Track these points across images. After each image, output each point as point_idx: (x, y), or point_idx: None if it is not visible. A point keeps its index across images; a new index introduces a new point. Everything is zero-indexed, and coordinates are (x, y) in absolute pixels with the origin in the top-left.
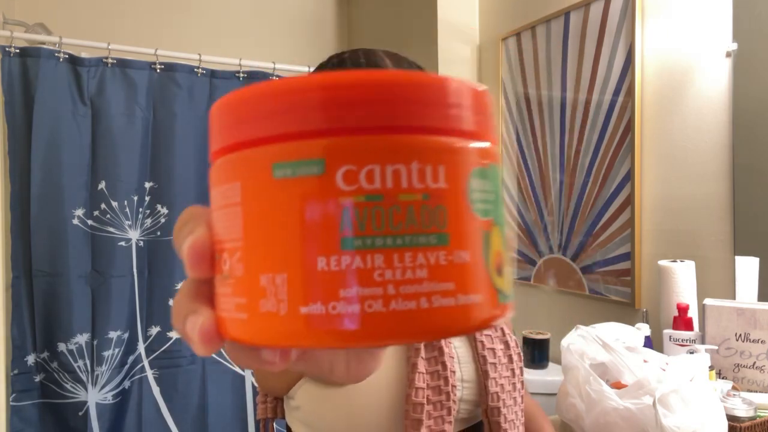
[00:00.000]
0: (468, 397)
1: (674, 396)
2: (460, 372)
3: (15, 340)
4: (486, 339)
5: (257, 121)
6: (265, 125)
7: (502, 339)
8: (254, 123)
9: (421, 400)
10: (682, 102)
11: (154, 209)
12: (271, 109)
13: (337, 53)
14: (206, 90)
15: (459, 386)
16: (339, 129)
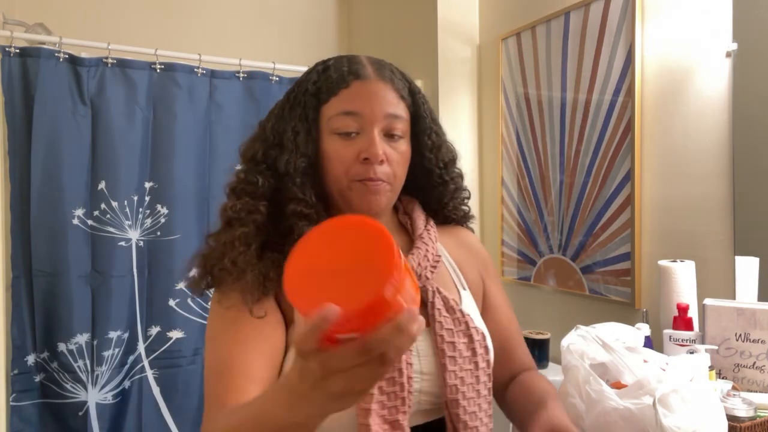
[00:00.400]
0: (428, 389)
1: (674, 396)
2: (419, 364)
3: (15, 340)
4: (446, 333)
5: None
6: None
7: (466, 333)
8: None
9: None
10: (682, 102)
11: (154, 209)
12: None
13: (322, 60)
14: (206, 90)
15: (417, 378)
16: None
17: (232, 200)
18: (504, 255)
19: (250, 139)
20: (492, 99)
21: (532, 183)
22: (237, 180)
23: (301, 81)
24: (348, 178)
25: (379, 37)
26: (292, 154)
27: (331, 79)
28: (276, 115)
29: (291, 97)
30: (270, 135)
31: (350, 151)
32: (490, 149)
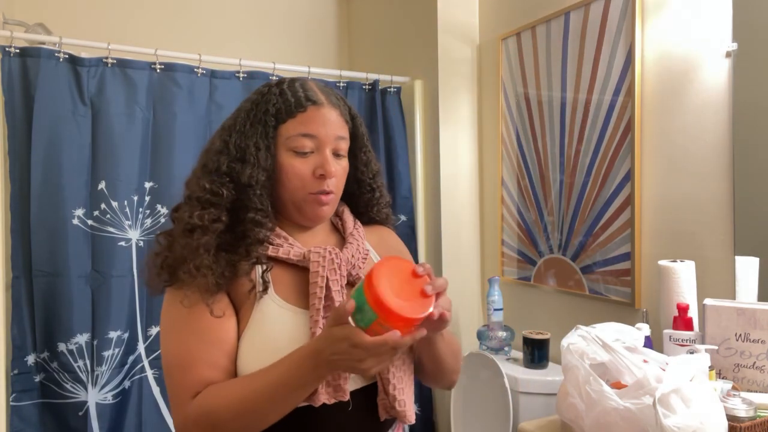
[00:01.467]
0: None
1: (674, 396)
2: None
3: (15, 340)
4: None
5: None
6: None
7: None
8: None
9: None
10: (682, 102)
11: (154, 209)
12: None
13: (275, 82)
14: (206, 90)
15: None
16: None
17: (195, 209)
18: (504, 255)
19: (213, 152)
20: (492, 99)
21: (532, 183)
22: (200, 189)
23: (259, 101)
24: (305, 191)
25: (379, 37)
26: (254, 168)
27: (290, 103)
28: (238, 131)
29: (251, 115)
30: (233, 150)
31: (306, 168)
32: (490, 149)
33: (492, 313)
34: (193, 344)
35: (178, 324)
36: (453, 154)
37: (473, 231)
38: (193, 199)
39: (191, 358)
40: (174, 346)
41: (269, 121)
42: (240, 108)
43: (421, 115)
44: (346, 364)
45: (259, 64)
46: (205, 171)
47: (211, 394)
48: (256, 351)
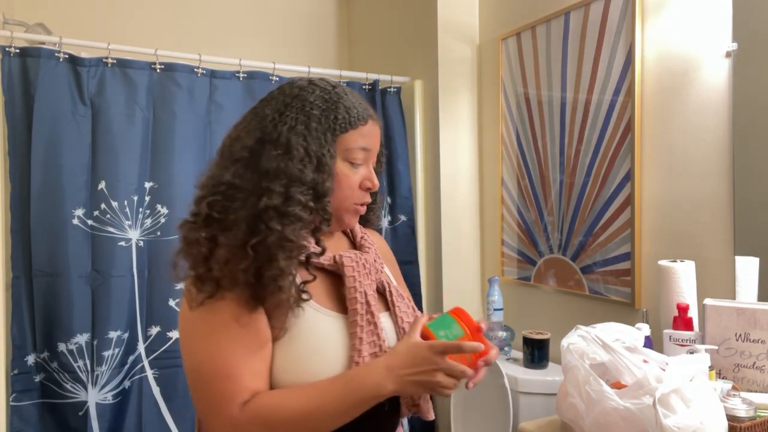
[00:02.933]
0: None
1: (674, 396)
2: (388, 341)
3: (15, 340)
4: (404, 315)
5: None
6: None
7: (412, 314)
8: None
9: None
10: (682, 102)
11: (154, 209)
12: None
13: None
14: (206, 90)
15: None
16: None
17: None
18: (504, 255)
19: (298, 160)
20: (492, 99)
21: (532, 183)
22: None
23: (327, 108)
24: (350, 201)
25: (379, 37)
26: (330, 178)
27: (354, 113)
28: (313, 137)
29: (322, 121)
30: (314, 158)
31: (356, 179)
32: (490, 149)
33: (492, 313)
34: (236, 352)
35: (217, 332)
36: (453, 154)
37: (473, 231)
38: (284, 212)
39: (235, 366)
40: (212, 354)
41: (337, 129)
42: (305, 110)
43: (421, 115)
44: (421, 378)
45: (259, 64)
46: (291, 180)
47: (268, 402)
48: (296, 357)
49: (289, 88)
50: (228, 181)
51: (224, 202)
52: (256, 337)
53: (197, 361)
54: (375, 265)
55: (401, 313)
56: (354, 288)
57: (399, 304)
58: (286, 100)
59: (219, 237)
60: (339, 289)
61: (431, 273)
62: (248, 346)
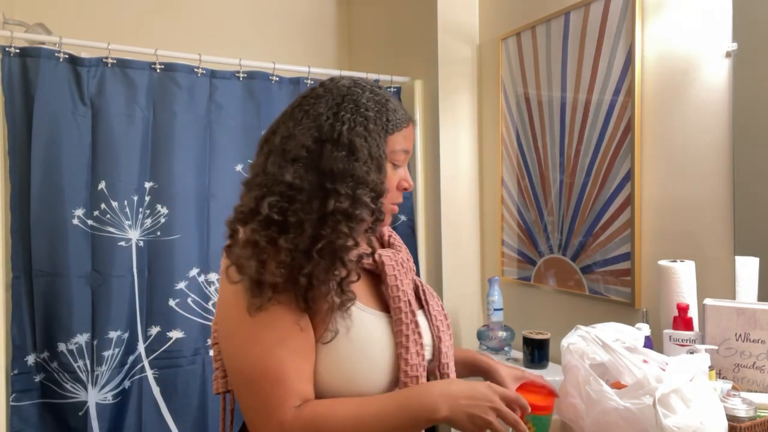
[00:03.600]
0: (428, 356)
1: (674, 396)
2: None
3: (15, 340)
4: (437, 313)
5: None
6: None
7: (442, 313)
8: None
9: (416, 361)
10: (682, 102)
11: (154, 209)
12: None
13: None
14: (206, 90)
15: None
16: None
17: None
18: (504, 255)
19: (359, 159)
20: (492, 99)
21: (532, 183)
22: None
23: (380, 109)
24: (389, 201)
25: (379, 37)
26: (385, 177)
27: (400, 115)
28: (373, 138)
29: (378, 122)
30: (375, 159)
31: (395, 180)
32: (490, 149)
33: (492, 313)
34: (287, 356)
35: (269, 335)
36: (453, 154)
37: (473, 231)
38: (350, 214)
39: (285, 370)
40: (264, 357)
41: (389, 130)
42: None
43: (421, 115)
44: (475, 411)
45: (259, 64)
46: (358, 181)
47: (321, 410)
48: (344, 358)
49: (335, 87)
50: (288, 182)
51: (283, 203)
52: (306, 341)
53: (248, 363)
54: (408, 263)
55: (434, 311)
56: (396, 287)
57: (432, 302)
58: (336, 100)
59: (279, 240)
60: (377, 288)
61: (431, 273)
62: (298, 350)
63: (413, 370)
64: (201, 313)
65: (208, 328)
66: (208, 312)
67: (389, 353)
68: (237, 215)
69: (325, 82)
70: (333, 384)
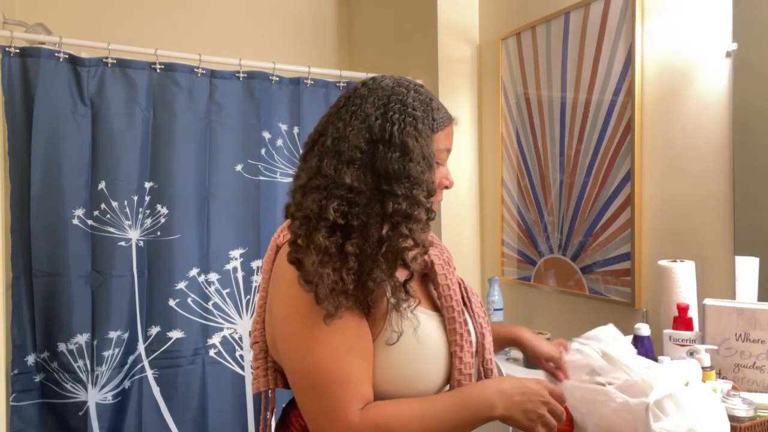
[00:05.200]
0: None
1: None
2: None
3: (15, 340)
4: (479, 311)
5: None
6: None
7: (482, 309)
8: None
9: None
10: (682, 102)
11: (154, 209)
12: None
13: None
14: (206, 90)
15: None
16: None
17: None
18: (504, 255)
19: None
20: (492, 99)
21: (532, 183)
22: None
23: (426, 108)
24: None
25: (379, 37)
26: (434, 177)
27: (443, 114)
28: (423, 137)
29: (425, 121)
30: (427, 158)
31: (438, 178)
32: (490, 149)
33: (492, 313)
34: (352, 361)
35: (334, 337)
36: (453, 154)
37: (473, 231)
38: (409, 215)
39: (351, 374)
40: (328, 359)
41: (435, 129)
42: (407, 110)
43: None
44: (529, 407)
45: (259, 64)
46: (413, 182)
47: (387, 411)
48: (403, 359)
49: (379, 87)
50: (348, 185)
51: (345, 207)
52: (368, 344)
53: (314, 367)
54: (452, 262)
55: (477, 308)
56: (447, 286)
57: (473, 299)
58: (382, 100)
59: (346, 245)
60: (426, 287)
61: None
62: (361, 353)
63: (467, 368)
64: (201, 313)
65: (208, 328)
66: (208, 312)
67: (445, 353)
68: (301, 220)
69: (367, 82)
70: (392, 385)
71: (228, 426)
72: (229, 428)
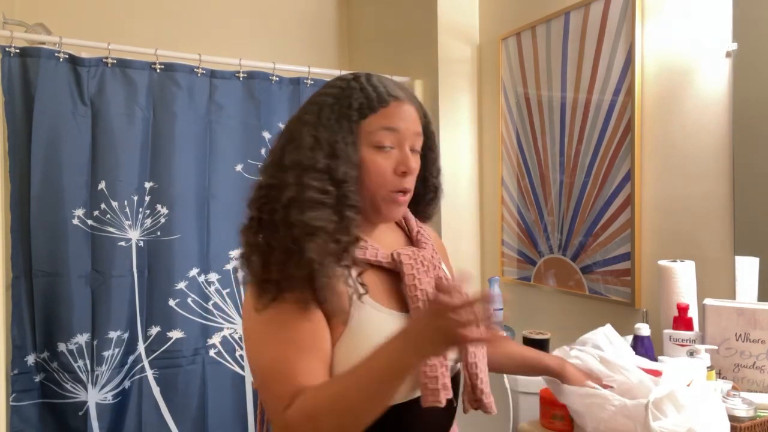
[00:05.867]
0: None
1: (667, 400)
2: None
3: (15, 340)
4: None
5: None
6: None
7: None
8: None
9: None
10: (682, 102)
11: (154, 209)
12: None
13: (352, 75)
14: (206, 90)
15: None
16: None
17: (308, 210)
18: (504, 255)
19: (306, 148)
20: (492, 99)
21: (532, 183)
22: (308, 188)
23: (340, 96)
24: (385, 188)
25: (379, 37)
26: (347, 164)
27: (372, 98)
28: (324, 126)
29: (335, 109)
30: (326, 145)
31: (388, 164)
32: (490, 149)
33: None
34: (291, 354)
35: (275, 334)
36: (453, 154)
37: (473, 231)
38: (300, 201)
39: (290, 367)
40: (269, 356)
41: (353, 116)
42: (318, 102)
43: None
44: (433, 324)
45: (259, 64)
46: (303, 168)
47: (309, 397)
48: (353, 355)
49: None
50: (265, 183)
51: (267, 204)
52: (313, 338)
53: (258, 364)
54: (433, 261)
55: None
56: (414, 286)
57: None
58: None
59: (267, 238)
60: (399, 288)
61: None
62: (304, 347)
63: (432, 370)
64: (201, 313)
65: (208, 328)
66: (208, 312)
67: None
68: (245, 223)
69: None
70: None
71: (228, 426)
72: (229, 428)
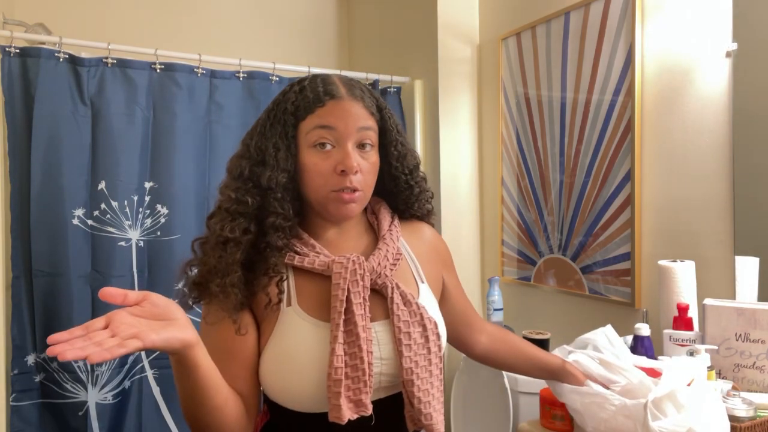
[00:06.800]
0: (387, 371)
1: (667, 400)
2: (379, 351)
3: (15, 340)
4: (403, 324)
5: None
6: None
7: (420, 323)
8: None
9: (339, 376)
10: (682, 102)
11: (154, 209)
12: None
13: (297, 80)
14: (206, 90)
15: (378, 363)
16: None
17: (225, 220)
18: (504, 255)
19: (236, 157)
20: (492, 99)
21: (532, 183)
22: (228, 199)
23: (279, 101)
24: (326, 188)
25: (379, 36)
26: (274, 170)
27: (308, 99)
28: (258, 132)
29: (271, 115)
30: (254, 152)
31: (328, 164)
32: (490, 149)
33: (492, 313)
34: (215, 359)
35: (205, 339)
36: (453, 154)
37: (473, 231)
38: (222, 210)
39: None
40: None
41: (288, 119)
42: (265, 110)
43: (421, 115)
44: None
45: (259, 64)
46: (231, 178)
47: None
48: (277, 365)
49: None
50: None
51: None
52: (241, 344)
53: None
54: (378, 268)
55: (400, 322)
56: (336, 296)
57: (400, 312)
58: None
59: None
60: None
61: None
62: (230, 353)
63: (336, 385)
64: (200, 314)
65: None
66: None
67: (318, 365)
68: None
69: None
70: (274, 387)
71: None
72: None
